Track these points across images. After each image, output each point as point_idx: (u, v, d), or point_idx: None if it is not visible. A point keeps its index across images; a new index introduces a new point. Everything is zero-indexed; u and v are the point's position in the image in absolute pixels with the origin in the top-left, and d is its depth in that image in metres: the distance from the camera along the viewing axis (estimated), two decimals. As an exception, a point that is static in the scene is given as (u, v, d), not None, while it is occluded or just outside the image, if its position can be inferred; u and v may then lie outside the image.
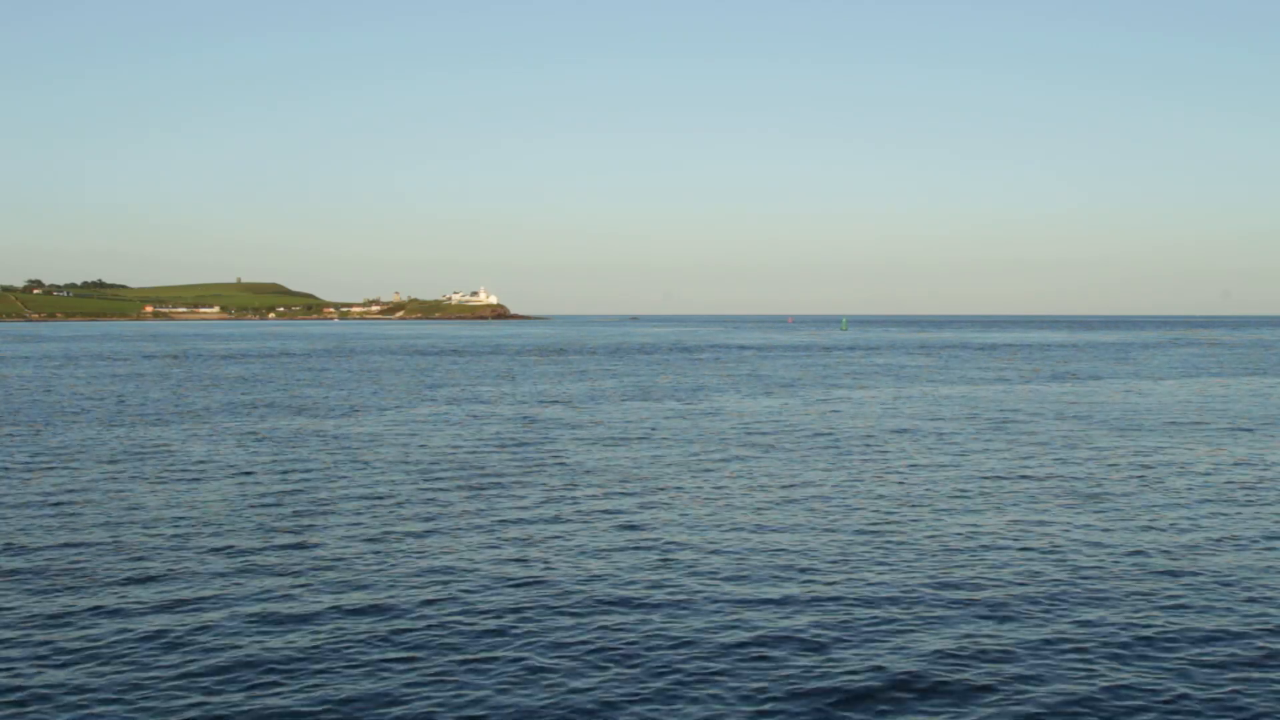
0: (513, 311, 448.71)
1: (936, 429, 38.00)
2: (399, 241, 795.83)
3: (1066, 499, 23.79)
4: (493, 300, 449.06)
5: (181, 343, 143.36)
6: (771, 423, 40.18)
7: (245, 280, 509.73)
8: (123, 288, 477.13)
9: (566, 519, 21.43)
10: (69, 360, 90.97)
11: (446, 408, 46.23)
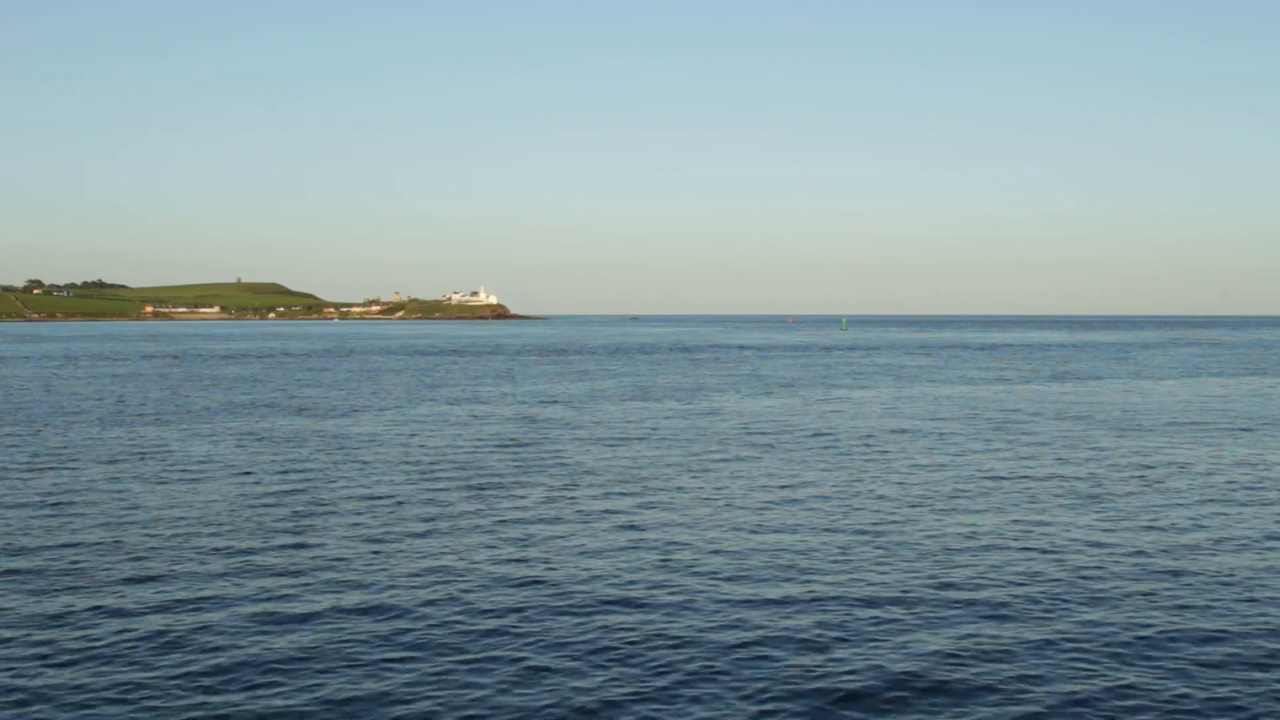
0: (513, 311, 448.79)
1: (936, 429, 38.00)
2: (399, 241, 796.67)
3: (1066, 499, 23.79)
4: (493, 300, 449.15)
5: (181, 343, 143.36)
6: (771, 423, 40.18)
7: (245, 280, 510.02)
8: (123, 288, 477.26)
9: (566, 519, 21.43)
10: (69, 360, 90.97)
11: (446, 408, 46.23)
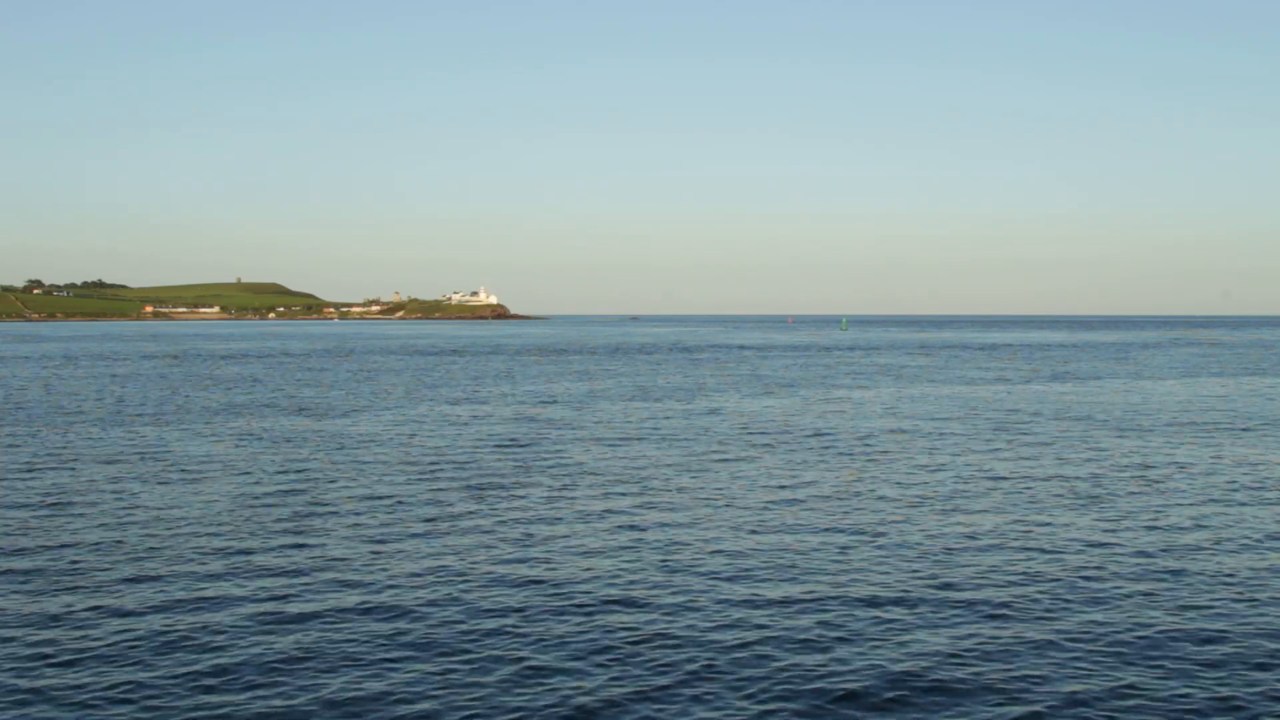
0: (513, 311, 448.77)
1: (936, 429, 38.00)
2: (399, 241, 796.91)
3: (1067, 499, 23.78)
4: (493, 300, 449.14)
5: (181, 343, 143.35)
6: (771, 423, 40.18)
7: (245, 280, 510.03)
8: (123, 288, 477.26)
9: (566, 519, 21.42)
10: (69, 360, 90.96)
11: (446, 408, 46.23)
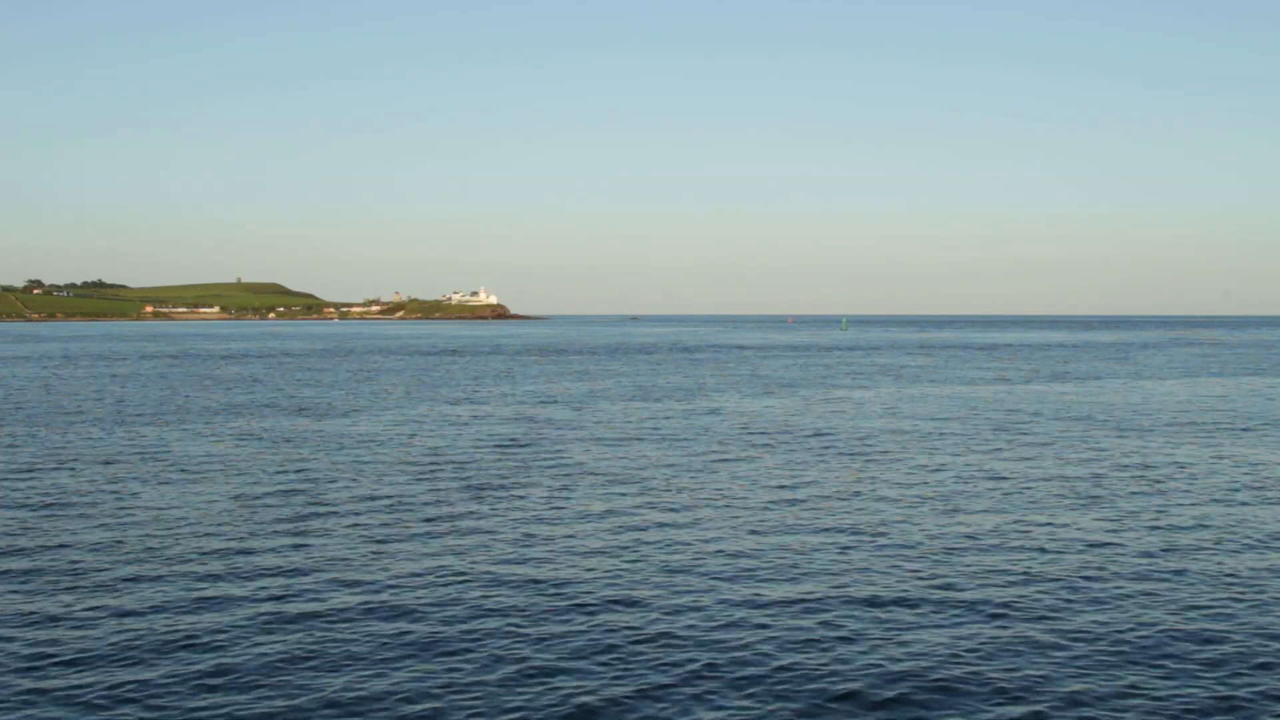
0: (513, 311, 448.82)
1: (936, 429, 38.00)
2: (399, 241, 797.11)
3: (1067, 499, 23.79)
4: (493, 300, 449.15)
5: (181, 343, 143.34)
6: (771, 423, 40.18)
7: (245, 280, 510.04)
8: (123, 288, 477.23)
9: (566, 519, 21.43)
10: (69, 360, 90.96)
11: (446, 408, 46.23)
